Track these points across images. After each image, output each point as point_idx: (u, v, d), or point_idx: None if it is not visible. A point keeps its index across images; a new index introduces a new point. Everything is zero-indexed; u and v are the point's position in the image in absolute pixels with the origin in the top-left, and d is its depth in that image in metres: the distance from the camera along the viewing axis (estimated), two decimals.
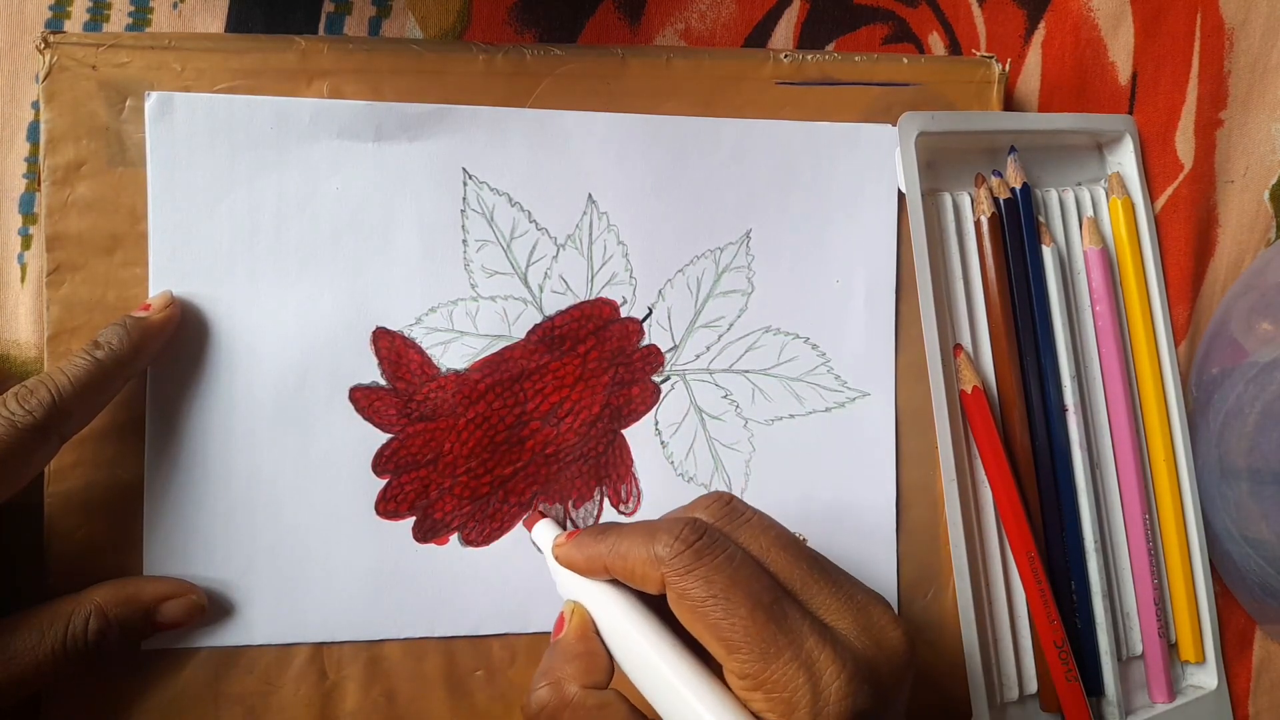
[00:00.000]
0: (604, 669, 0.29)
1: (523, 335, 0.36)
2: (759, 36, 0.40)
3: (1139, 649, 0.40)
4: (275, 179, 0.34)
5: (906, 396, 0.39)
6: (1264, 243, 0.44)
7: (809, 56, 0.38)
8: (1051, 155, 0.42)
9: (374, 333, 0.35)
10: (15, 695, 0.29)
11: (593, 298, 0.37)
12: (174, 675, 0.34)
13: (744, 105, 0.38)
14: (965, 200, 0.40)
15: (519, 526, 0.36)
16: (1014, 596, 0.38)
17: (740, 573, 0.27)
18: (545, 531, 0.34)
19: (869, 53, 0.39)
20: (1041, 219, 0.40)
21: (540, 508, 0.36)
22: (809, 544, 0.31)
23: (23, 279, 0.35)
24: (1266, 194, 0.44)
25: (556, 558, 0.32)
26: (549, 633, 0.36)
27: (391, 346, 0.35)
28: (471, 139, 0.36)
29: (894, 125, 0.38)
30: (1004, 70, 0.40)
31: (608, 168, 0.37)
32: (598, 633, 0.30)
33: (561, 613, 0.32)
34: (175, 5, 0.36)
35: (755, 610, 0.27)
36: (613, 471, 0.37)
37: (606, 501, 0.37)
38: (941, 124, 0.38)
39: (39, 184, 0.35)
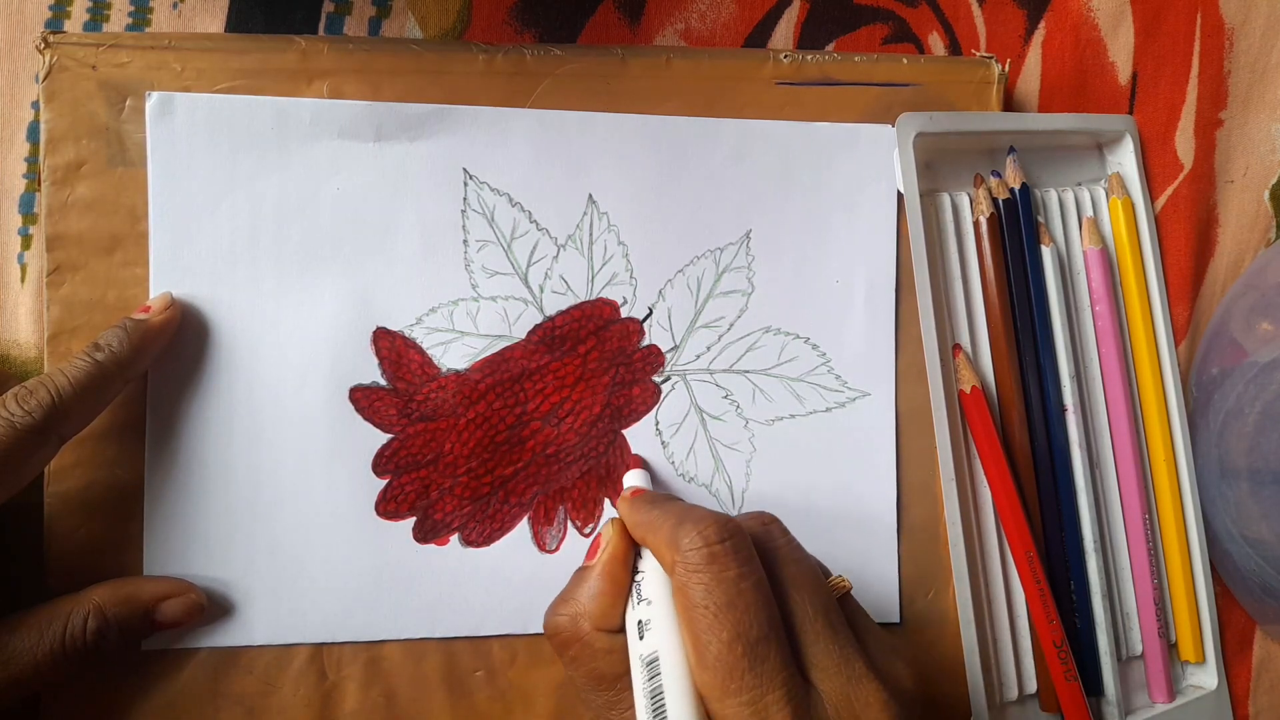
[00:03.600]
0: (619, 614, 0.29)
1: (523, 335, 0.36)
2: (759, 36, 0.40)
3: (1139, 649, 0.40)
4: (276, 179, 0.34)
5: (907, 396, 0.39)
6: (1264, 243, 0.44)
7: (809, 56, 0.38)
8: (1051, 155, 0.42)
9: (374, 333, 0.35)
10: (15, 695, 0.29)
11: (593, 298, 0.37)
12: (174, 675, 0.34)
13: (744, 105, 0.38)
14: (964, 201, 0.40)
15: (519, 527, 0.36)
16: (1013, 596, 0.38)
17: (741, 597, 0.26)
18: (631, 480, 0.35)
19: (869, 53, 0.39)
20: (1041, 219, 0.40)
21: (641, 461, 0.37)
22: (852, 592, 0.30)
23: (23, 279, 0.35)
24: (1266, 194, 0.44)
25: (617, 509, 0.32)
26: None
27: (392, 346, 0.35)
28: (472, 139, 0.36)
29: (893, 125, 0.38)
30: (1004, 70, 0.40)
31: (608, 168, 0.37)
32: (634, 570, 0.30)
33: (598, 534, 0.31)
34: (175, 5, 0.36)
35: (735, 640, 0.26)
36: (613, 472, 0.37)
37: (608, 502, 0.37)
38: (939, 124, 0.38)
39: (39, 184, 0.35)
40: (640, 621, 0.28)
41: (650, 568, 0.30)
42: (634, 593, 0.30)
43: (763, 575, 0.28)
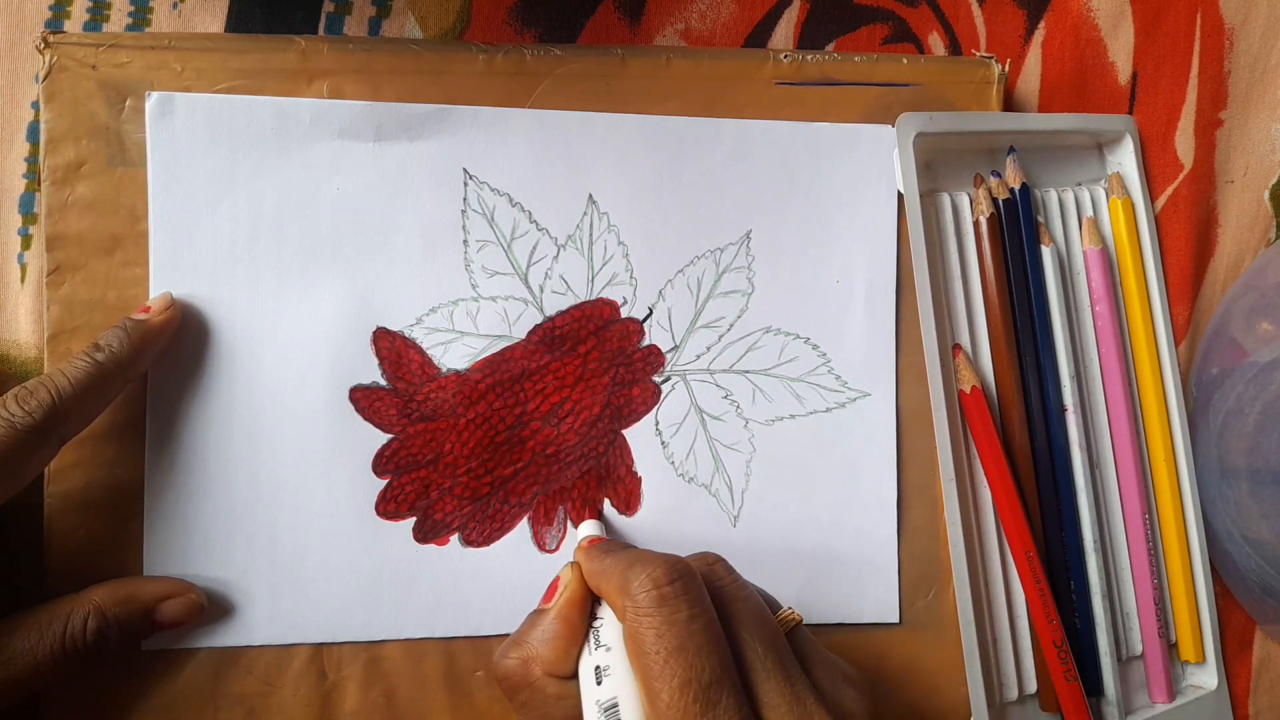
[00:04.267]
0: (572, 660, 0.29)
1: (523, 335, 0.36)
2: (759, 36, 0.40)
3: (1139, 649, 0.40)
4: (276, 179, 0.34)
5: (907, 397, 0.39)
6: (1264, 243, 0.44)
7: (809, 56, 0.38)
8: (1051, 155, 0.42)
9: (374, 333, 0.35)
10: (14, 696, 0.29)
11: (593, 298, 0.37)
12: (174, 675, 0.34)
13: (744, 105, 0.38)
14: (964, 201, 0.40)
15: (519, 527, 0.36)
16: (1013, 596, 0.38)
17: (692, 639, 0.26)
18: (585, 530, 0.35)
19: (869, 53, 0.39)
20: (1041, 219, 0.40)
21: (602, 510, 0.37)
22: (803, 624, 0.30)
23: (23, 279, 0.35)
24: (1266, 194, 0.44)
25: (576, 558, 0.32)
26: None
27: (392, 347, 0.35)
28: (472, 139, 0.36)
29: (893, 126, 0.38)
30: (1004, 70, 0.40)
31: (608, 168, 0.37)
32: (592, 615, 0.30)
33: (556, 577, 0.31)
34: (175, 5, 0.36)
35: (686, 686, 0.25)
36: (613, 472, 0.37)
37: (608, 502, 0.37)
38: (939, 125, 0.38)
39: (39, 184, 0.35)
40: (598, 667, 0.28)
41: (609, 614, 0.29)
42: (591, 638, 0.29)
43: (714, 616, 0.27)
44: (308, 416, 0.35)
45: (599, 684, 0.28)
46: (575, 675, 0.29)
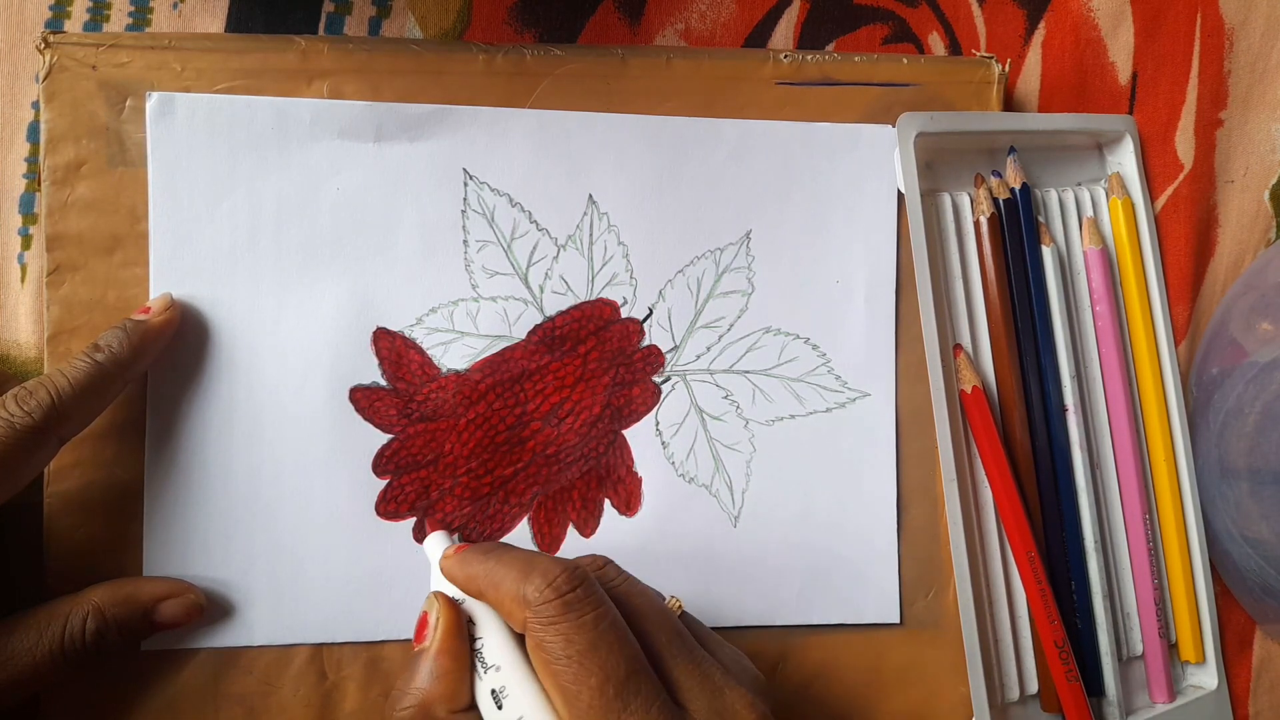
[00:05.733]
0: (468, 689, 0.28)
1: (523, 336, 0.36)
2: (759, 36, 0.40)
3: (1139, 649, 0.40)
4: (276, 179, 0.34)
5: (907, 397, 0.39)
6: (1264, 243, 0.44)
7: (809, 57, 0.38)
8: (1051, 155, 0.42)
9: (374, 333, 0.35)
10: (14, 696, 0.29)
11: (593, 298, 0.37)
12: (174, 675, 0.34)
13: (744, 105, 0.38)
14: (965, 200, 0.40)
15: (519, 527, 0.36)
16: (1014, 596, 0.38)
17: (603, 638, 0.26)
18: (436, 544, 0.32)
19: (869, 53, 0.39)
20: (1041, 219, 0.40)
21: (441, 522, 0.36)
22: (684, 609, 0.31)
23: (23, 279, 0.35)
24: (1266, 194, 0.44)
25: (442, 569, 0.30)
26: None
27: (392, 347, 0.35)
28: (472, 139, 0.36)
29: (894, 126, 0.38)
30: (1004, 70, 0.40)
31: (608, 168, 0.37)
32: (470, 637, 0.29)
33: (423, 613, 0.30)
34: (175, 5, 0.36)
35: (605, 684, 0.26)
36: (613, 472, 0.37)
37: (608, 502, 0.37)
38: (940, 124, 0.38)
39: (39, 184, 0.35)
40: (494, 690, 0.27)
41: (488, 631, 0.29)
42: (477, 663, 0.28)
43: (617, 613, 0.27)
44: (308, 417, 0.35)
45: (500, 708, 0.27)
46: (473, 705, 0.28)
